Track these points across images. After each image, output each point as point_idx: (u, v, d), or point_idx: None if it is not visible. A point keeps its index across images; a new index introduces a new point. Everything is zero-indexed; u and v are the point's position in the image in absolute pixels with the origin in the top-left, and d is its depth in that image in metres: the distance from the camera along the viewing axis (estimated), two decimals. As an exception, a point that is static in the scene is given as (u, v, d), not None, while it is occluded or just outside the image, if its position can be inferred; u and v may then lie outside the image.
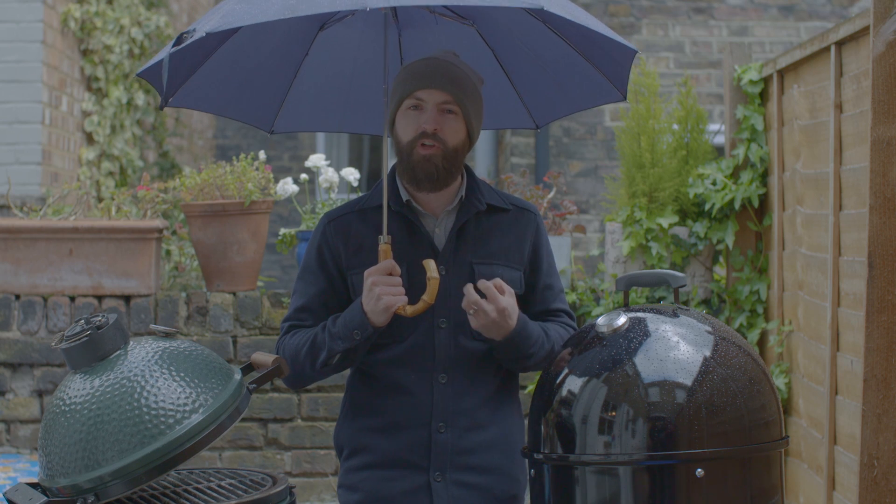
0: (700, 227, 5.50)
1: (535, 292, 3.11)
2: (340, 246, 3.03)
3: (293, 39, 3.27)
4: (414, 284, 2.95)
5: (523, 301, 3.07)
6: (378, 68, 3.29)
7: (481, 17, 3.27)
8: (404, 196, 3.03)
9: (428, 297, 2.88)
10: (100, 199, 7.56)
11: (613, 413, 2.67)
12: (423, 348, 2.99)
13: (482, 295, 2.90)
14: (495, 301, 2.87)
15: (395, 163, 3.11)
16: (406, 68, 3.03)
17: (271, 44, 3.24)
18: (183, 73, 3.10)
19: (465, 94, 2.99)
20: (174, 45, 2.77)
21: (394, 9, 3.20)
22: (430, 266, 2.89)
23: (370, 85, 3.37)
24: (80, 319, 2.70)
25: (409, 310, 2.89)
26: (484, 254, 3.04)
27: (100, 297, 5.62)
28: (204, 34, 2.70)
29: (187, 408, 2.58)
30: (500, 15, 3.22)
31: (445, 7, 3.20)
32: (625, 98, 3.25)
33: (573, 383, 2.73)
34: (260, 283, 5.93)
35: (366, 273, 2.90)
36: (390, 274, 2.88)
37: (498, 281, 2.90)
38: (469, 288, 2.89)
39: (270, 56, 3.28)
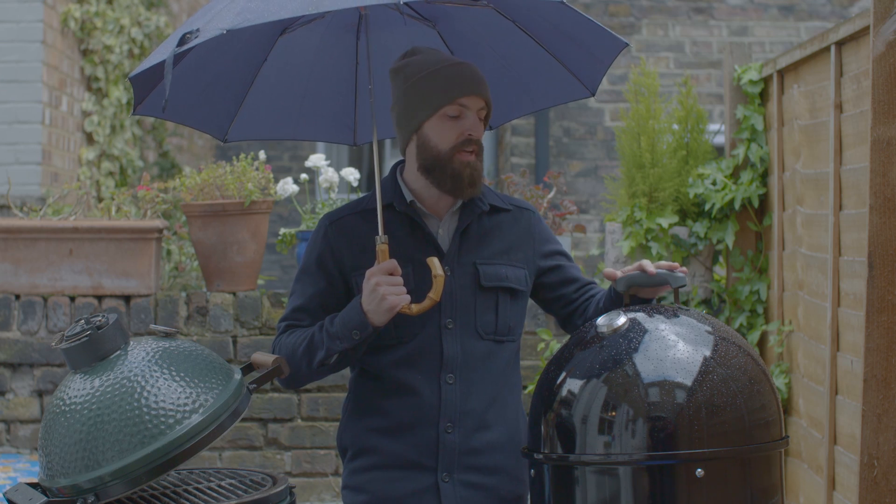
0: (700, 227, 5.50)
1: (567, 274, 3.14)
2: (344, 248, 3.01)
3: (256, 44, 3.20)
4: (420, 285, 2.94)
5: (560, 290, 3.12)
6: (337, 75, 3.26)
7: (443, 18, 3.24)
8: (408, 197, 3.02)
9: (434, 294, 2.88)
10: (100, 199, 7.56)
11: (613, 413, 2.67)
12: (430, 349, 2.98)
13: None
14: None
15: (396, 163, 3.10)
16: (436, 73, 2.95)
17: (235, 49, 3.15)
18: (153, 80, 3.02)
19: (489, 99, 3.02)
20: (178, 45, 2.70)
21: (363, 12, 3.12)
22: (435, 263, 2.89)
23: (326, 92, 3.32)
24: (80, 319, 2.70)
25: (415, 308, 2.88)
26: (487, 254, 3.04)
27: (100, 297, 5.62)
28: (223, 31, 2.65)
29: (187, 408, 2.58)
30: (463, 14, 3.18)
31: (409, 6, 3.18)
32: (593, 95, 3.23)
33: (573, 383, 2.73)
34: (260, 283, 5.93)
35: (368, 273, 2.88)
36: (391, 274, 2.87)
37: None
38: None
39: (233, 62, 3.19)
